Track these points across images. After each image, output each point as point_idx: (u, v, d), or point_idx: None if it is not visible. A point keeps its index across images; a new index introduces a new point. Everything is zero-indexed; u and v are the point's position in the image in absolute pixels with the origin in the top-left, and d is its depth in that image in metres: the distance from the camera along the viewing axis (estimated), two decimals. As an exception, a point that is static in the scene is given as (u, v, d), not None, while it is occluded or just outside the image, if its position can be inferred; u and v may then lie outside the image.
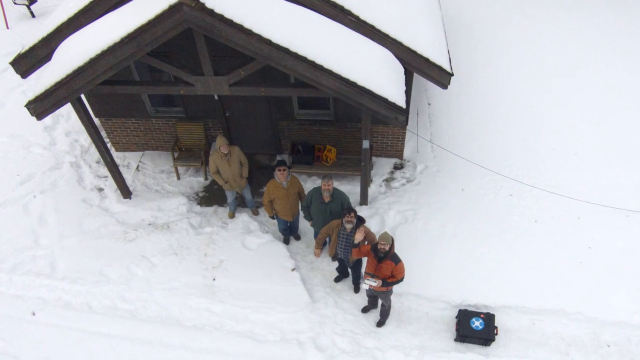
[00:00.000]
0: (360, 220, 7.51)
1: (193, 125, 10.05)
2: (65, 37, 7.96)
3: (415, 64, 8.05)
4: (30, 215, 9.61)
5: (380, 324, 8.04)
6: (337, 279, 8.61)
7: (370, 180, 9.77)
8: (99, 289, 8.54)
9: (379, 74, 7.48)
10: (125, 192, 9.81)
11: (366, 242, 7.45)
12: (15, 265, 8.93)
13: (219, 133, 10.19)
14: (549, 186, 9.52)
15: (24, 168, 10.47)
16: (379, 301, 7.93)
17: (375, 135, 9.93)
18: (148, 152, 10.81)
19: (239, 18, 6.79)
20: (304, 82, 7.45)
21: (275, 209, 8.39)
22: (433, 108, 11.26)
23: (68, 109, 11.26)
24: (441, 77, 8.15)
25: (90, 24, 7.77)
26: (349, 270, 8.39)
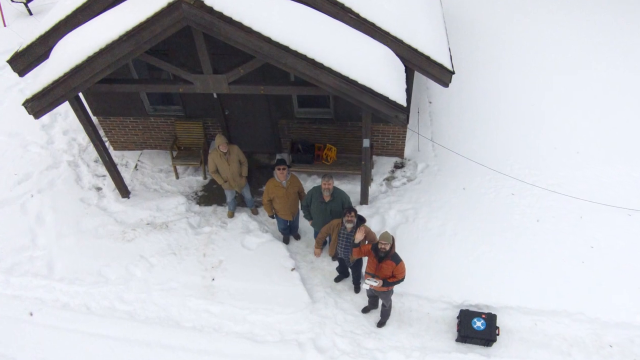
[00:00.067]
0: (361, 220, 7.48)
1: (192, 124, 10.00)
2: (63, 35, 7.92)
3: (416, 62, 8.00)
4: (27, 214, 9.56)
5: (380, 324, 8.00)
6: (338, 279, 8.56)
7: (370, 179, 9.72)
8: (97, 290, 8.50)
9: (379, 72, 7.43)
10: (123, 192, 9.76)
11: (367, 242, 7.41)
12: (13, 265, 8.89)
13: (218, 132, 10.14)
14: (550, 185, 9.48)
15: (22, 167, 10.41)
16: (380, 301, 7.89)
17: (375, 133, 9.88)
18: (146, 151, 10.75)
19: (238, 15, 6.75)
20: (304, 81, 7.41)
21: (274, 208, 8.34)
22: (434, 106, 11.21)
23: (66, 108, 11.19)
24: (442, 75, 8.10)
25: (88, 22, 7.73)
26: (349, 270, 8.35)
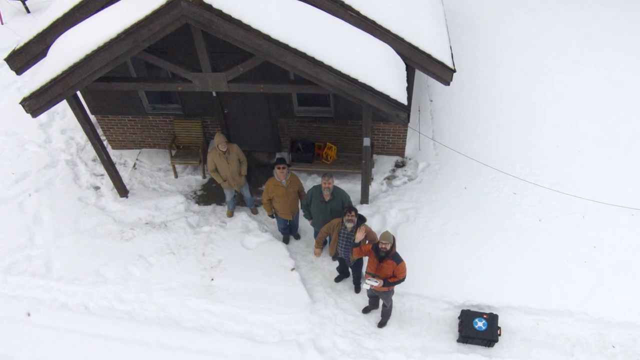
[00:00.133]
0: (361, 219, 7.43)
1: (191, 123, 9.94)
2: (61, 33, 7.87)
3: (417, 60, 7.95)
4: (25, 214, 9.51)
5: (381, 324, 7.96)
6: (338, 279, 8.52)
7: (371, 179, 9.67)
8: (96, 290, 8.44)
9: (380, 71, 7.38)
10: (122, 191, 9.71)
11: (367, 242, 7.37)
12: (10, 265, 8.84)
13: (217, 130, 10.09)
14: (552, 184, 9.44)
15: (19, 166, 10.35)
16: (380, 301, 7.84)
17: (376, 132, 9.83)
18: (145, 150, 10.70)
19: (237, 13, 6.70)
20: (304, 79, 7.36)
21: (274, 207, 8.29)
22: (435, 105, 11.16)
23: (64, 106, 11.14)
24: (443, 74, 8.05)
25: (86, 20, 7.69)
26: (350, 270, 8.30)
